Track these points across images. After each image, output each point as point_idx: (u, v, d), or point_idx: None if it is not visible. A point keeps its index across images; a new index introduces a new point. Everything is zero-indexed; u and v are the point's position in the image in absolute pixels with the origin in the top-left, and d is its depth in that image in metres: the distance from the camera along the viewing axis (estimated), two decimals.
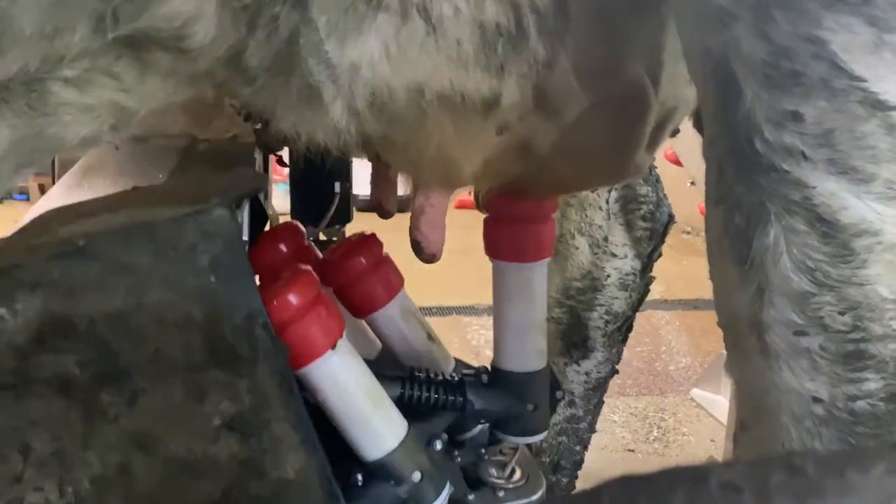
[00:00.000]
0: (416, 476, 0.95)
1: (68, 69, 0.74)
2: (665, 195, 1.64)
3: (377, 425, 0.94)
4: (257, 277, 1.04)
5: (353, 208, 1.71)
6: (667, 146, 3.20)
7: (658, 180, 1.65)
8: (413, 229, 1.04)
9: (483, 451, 1.13)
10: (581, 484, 1.82)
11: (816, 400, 0.65)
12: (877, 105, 0.60)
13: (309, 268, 0.92)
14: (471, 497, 1.04)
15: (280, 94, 0.78)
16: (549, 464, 1.81)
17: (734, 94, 0.64)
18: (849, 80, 0.60)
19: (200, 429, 0.85)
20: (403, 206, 1.19)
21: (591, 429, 1.81)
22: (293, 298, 0.87)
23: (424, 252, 1.04)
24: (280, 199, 2.23)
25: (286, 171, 1.69)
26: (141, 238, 0.82)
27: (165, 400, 0.84)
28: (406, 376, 1.04)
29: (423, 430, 0.99)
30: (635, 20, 0.86)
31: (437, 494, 0.97)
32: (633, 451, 2.67)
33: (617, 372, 1.77)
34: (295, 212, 1.71)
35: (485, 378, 1.08)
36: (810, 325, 0.64)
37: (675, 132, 1.30)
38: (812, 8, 0.60)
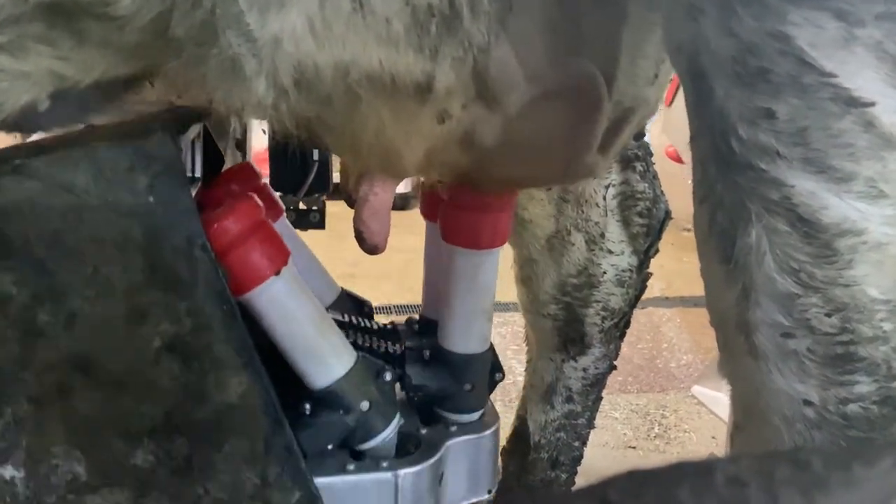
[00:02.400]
0: (365, 405, 0.94)
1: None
2: (662, 191, 1.63)
3: (324, 352, 0.93)
4: None
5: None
6: (667, 144, 3.19)
7: (655, 176, 1.64)
8: (356, 219, 1.02)
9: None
10: (581, 480, 1.78)
11: (807, 403, 0.64)
12: (850, 102, 0.59)
13: (253, 195, 0.92)
14: (423, 431, 1.03)
15: (205, 66, 0.77)
16: (547, 460, 1.78)
17: (706, 91, 0.63)
18: (818, 77, 0.59)
19: (140, 350, 0.84)
20: (404, 203, 1.19)
21: (590, 425, 1.79)
22: (233, 224, 0.87)
23: (367, 242, 1.03)
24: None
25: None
26: (79, 159, 0.81)
27: (104, 320, 0.83)
28: (348, 324, 1.05)
29: (371, 362, 0.98)
30: (590, 12, 0.84)
31: (386, 424, 0.96)
32: (634, 447, 2.62)
33: (615, 368, 1.75)
34: (273, 181, 1.69)
35: (426, 354, 1.08)
36: (797, 326, 0.63)
37: (640, 135, 1.29)
38: (777, 3, 0.59)
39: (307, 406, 0.94)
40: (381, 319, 1.17)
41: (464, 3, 0.75)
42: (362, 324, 1.09)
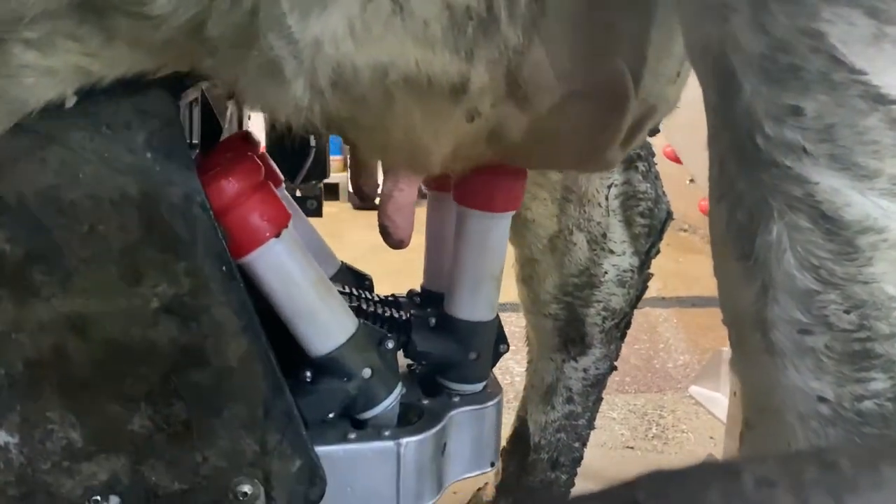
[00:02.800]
0: (367, 373, 0.93)
1: (29, 31, 0.74)
2: (664, 192, 1.63)
3: (325, 319, 0.91)
4: None
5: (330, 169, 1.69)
6: (665, 144, 3.18)
7: (657, 177, 1.64)
8: (381, 214, 1.02)
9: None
10: (580, 481, 1.76)
11: (822, 399, 0.63)
12: (878, 99, 0.58)
13: (253, 155, 0.90)
14: (425, 402, 1.01)
15: (241, 67, 0.77)
16: (547, 461, 1.76)
17: (734, 89, 0.63)
18: (848, 74, 0.58)
19: (137, 311, 0.83)
20: None
21: (590, 426, 1.77)
22: (232, 183, 0.85)
23: (392, 237, 1.02)
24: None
25: None
26: (74, 113, 0.80)
27: (100, 280, 0.82)
28: (350, 294, 1.03)
29: (373, 329, 0.96)
30: (620, 11, 0.84)
31: (388, 393, 0.95)
32: (632, 448, 2.60)
33: (615, 369, 1.73)
34: None
35: (432, 321, 1.06)
36: (815, 323, 0.62)
37: (655, 131, 1.29)
38: (810, 0, 0.58)
39: (308, 373, 0.92)
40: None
41: (501, 6, 0.76)
42: (364, 295, 1.07)
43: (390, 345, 0.96)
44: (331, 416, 0.94)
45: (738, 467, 0.34)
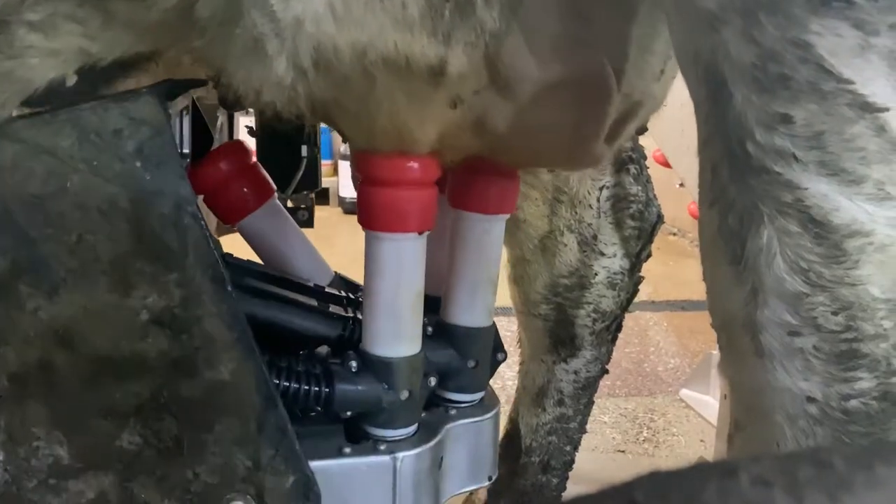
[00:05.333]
0: (405, 394, 0.92)
1: (31, 13, 0.76)
2: (655, 195, 1.63)
3: (406, 327, 0.92)
4: (201, 198, 1.00)
5: (322, 179, 1.68)
6: (655, 148, 3.18)
7: (649, 180, 1.64)
8: None
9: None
10: (572, 485, 1.76)
11: (810, 399, 0.65)
12: (865, 107, 0.60)
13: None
14: (423, 415, 0.99)
15: (228, 46, 0.78)
16: (538, 464, 1.76)
17: (725, 97, 0.64)
18: (836, 83, 0.60)
19: (127, 324, 0.80)
20: None
21: (582, 429, 1.77)
22: (413, 166, 0.88)
23: None
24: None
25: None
26: (62, 121, 0.78)
27: (89, 292, 0.79)
28: (345, 298, 1.01)
29: (428, 361, 0.97)
30: (600, 4, 0.85)
31: (406, 425, 0.94)
32: (623, 451, 2.60)
33: (607, 372, 1.73)
34: None
35: (429, 330, 1.04)
36: (804, 325, 0.64)
37: (643, 130, 1.29)
38: (798, 12, 0.60)
39: (353, 364, 0.92)
40: None
41: None
42: (359, 299, 1.05)
43: (433, 381, 0.96)
44: (349, 414, 0.94)
45: (735, 467, 0.35)
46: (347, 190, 4.91)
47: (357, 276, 1.26)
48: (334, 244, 1.74)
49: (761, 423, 0.68)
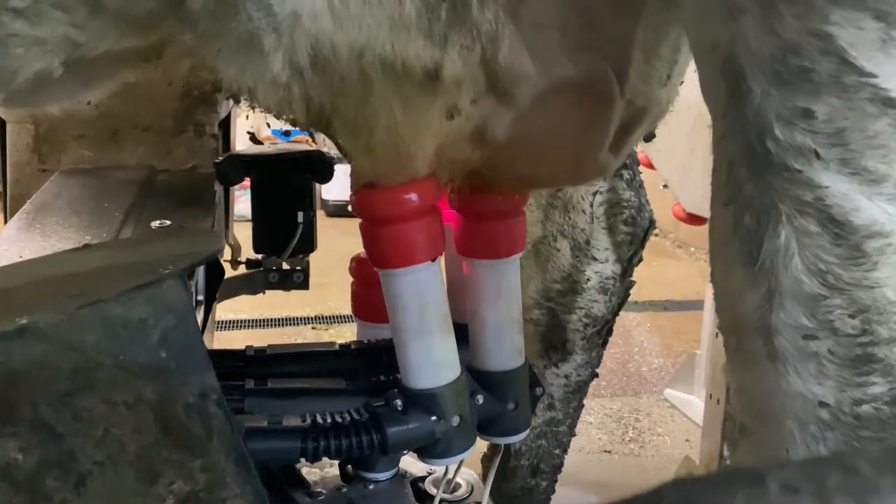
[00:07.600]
0: (455, 420, 0.91)
1: (17, 0, 0.74)
2: (647, 200, 1.64)
3: (439, 355, 0.91)
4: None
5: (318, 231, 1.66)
6: (638, 149, 3.21)
7: (641, 185, 1.64)
8: None
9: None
10: (559, 487, 1.78)
11: (822, 404, 0.64)
12: (887, 103, 0.59)
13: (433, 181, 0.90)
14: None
15: (222, 40, 0.76)
16: (527, 467, 1.77)
17: (744, 91, 0.63)
18: (858, 77, 0.58)
19: None
20: None
21: (571, 432, 1.78)
22: (412, 198, 0.87)
23: None
24: (244, 205, 2.18)
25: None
26: (89, 316, 0.76)
27: (115, 482, 0.77)
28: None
29: (470, 380, 0.96)
30: (602, 7, 0.83)
31: (465, 448, 0.94)
32: (609, 452, 2.62)
33: (597, 376, 1.75)
34: (257, 242, 1.66)
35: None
36: (820, 328, 0.63)
37: (651, 136, 1.30)
38: (819, 3, 0.58)
39: (398, 402, 0.91)
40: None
41: None
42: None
43: (481, 399, 0.95)
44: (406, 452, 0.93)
45: (762, 475, 0.34)
46: (331, 193, 4.88)
47: (342, 281, 1.26)
48: (318, 248, 1.74)
49: (770, 428, 0.67)
